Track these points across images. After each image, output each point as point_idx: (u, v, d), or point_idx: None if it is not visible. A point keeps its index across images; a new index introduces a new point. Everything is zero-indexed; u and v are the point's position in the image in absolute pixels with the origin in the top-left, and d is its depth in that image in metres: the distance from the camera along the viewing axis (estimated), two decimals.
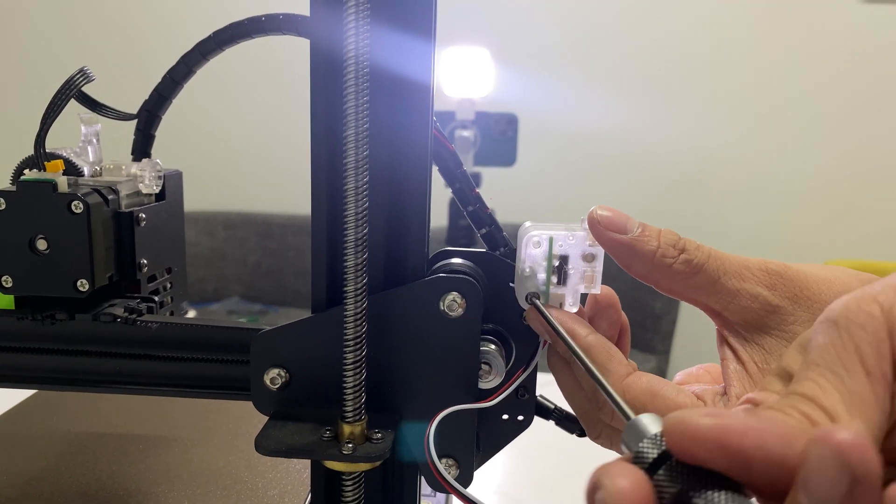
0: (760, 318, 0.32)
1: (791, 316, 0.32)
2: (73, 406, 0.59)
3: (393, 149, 0.33)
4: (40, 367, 0.39)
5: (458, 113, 1.42)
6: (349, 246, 0.30)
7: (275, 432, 0.32)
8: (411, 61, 0.32)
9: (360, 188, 0.30)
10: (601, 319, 0.35)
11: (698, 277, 0.32)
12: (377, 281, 0.34)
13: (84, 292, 0.38)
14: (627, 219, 0.32)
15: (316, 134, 0.33)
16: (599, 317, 0.35)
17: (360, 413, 0.32)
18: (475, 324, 0.33)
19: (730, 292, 0.32)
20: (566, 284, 0.34)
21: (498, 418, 0.37)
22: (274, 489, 0.48)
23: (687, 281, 0.32)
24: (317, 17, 0.32)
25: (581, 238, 0.33)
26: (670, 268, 0.32)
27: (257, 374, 0.34)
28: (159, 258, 0.44)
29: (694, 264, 0.32)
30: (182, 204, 0.47)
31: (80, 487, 0.47)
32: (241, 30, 0.40)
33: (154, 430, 0.56)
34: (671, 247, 0.32)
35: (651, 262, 0.32)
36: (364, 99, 0.29)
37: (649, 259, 0.32)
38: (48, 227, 0.37)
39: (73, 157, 0.41)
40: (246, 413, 0.58)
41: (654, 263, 0.32)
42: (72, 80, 0.39)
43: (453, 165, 0.37)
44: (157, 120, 0.43)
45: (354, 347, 0.31)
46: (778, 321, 0.32)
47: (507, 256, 0.36)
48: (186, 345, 0.38)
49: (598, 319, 0.35)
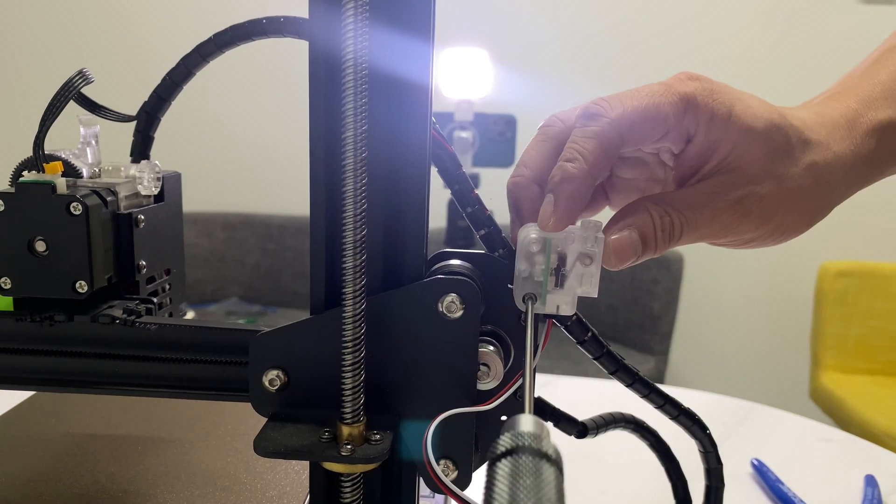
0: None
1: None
2: (72, 407, 0.59)
3: (391, 150, 0.33)
4: (39, 368, 0.39)
5: (457, 114, 1.42)
6: (348, 247, 0.30)
7: (273, 434, 0.32)
8: (410, 63, 0.32)
9: (359, 190, 0.30)
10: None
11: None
12: (376, 282, 0.34)
13: (83, 294, 0.38)
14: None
15: (314, 135, 0.33)
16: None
17: (358, 414, 0.32)
18: (474, 325, 0.33)
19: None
20: (563, 286, 0.34)
21: (497, 419, 0.37)
22: (273, 490, 0.48)
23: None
24: (315, 18, 0.32)
25: (580, 239, 0.33)
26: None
27: (256, 375, 0.34)
28: (158, 260, 0.44)
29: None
30: (181, 205, 0.47)
31: (79, 489, 0.47)
32: (241, 32, 0.40)
33: (153, 432, 0.56)
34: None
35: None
36: (362, 100, 0.29)
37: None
38: (47, 228, 0.37)
39: (71, 159, 0.41)
40: (245, 414, 0.58)
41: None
42: (71, 82, 0.39)
43: (452, 167, 0.37)
44: (157, 122, 0.43)
45: (353, 349, 0.31)
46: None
47: (506, 258, 0.36)
48: (185, 346, 0.38)
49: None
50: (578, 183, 0.33)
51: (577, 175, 0.33)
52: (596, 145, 0.33)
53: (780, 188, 0.36)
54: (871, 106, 0.38)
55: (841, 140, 0.37)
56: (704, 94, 0.35)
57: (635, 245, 0.34)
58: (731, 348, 2.29)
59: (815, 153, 0.36)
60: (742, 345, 2.28)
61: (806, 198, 0.36)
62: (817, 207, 0.37)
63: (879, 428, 1.57)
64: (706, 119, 0.35)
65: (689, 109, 0.35)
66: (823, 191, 0.37)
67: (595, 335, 0.37)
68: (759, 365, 2.28)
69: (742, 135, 0.35)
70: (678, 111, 0.35)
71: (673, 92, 0.35)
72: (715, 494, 0.42)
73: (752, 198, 0.35)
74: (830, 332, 1.87)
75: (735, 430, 0.72)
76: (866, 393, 1.75)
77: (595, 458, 0.23)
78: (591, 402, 0.76)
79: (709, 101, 0.35)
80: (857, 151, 0.37)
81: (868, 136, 0.37)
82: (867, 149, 0.37)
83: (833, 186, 0.37)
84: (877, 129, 0.38)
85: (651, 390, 0.39)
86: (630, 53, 2.14)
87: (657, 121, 0.35)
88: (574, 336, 0.37)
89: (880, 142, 0.38)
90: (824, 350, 1.88)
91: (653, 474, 0.43)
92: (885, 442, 1.51)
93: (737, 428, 0.73)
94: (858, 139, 0.37)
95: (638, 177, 0.41)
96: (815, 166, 0.36)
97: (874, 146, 0.38)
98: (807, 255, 2.12)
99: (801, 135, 0.36)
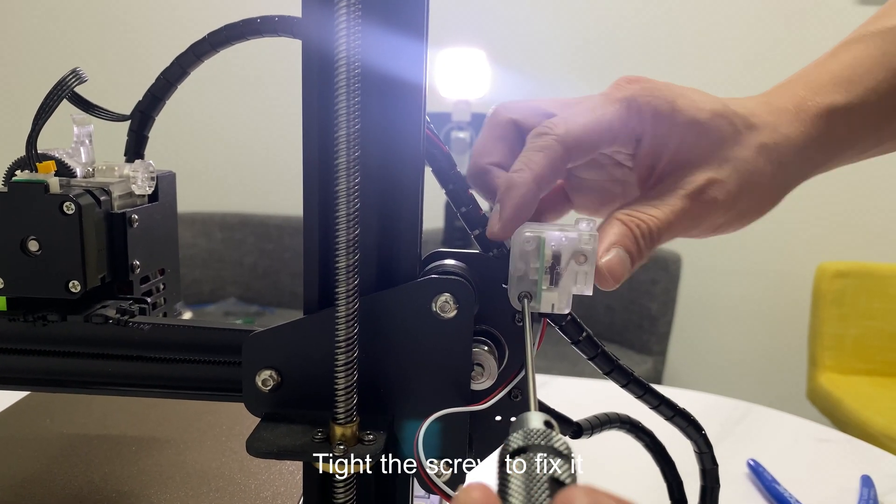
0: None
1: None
2: (66, 408, 0.59)
3: (385, 150, 0.33)
4: (32, 368, 0.39)
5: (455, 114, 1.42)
6: (341, 247, 0.30)
7: (266, 434, 0.32)
8: (403, 61, 0.32)
9: (352, 189, 0.30)
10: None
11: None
12: (369, 282, 0.34)
13: (76, 293, 0.38)
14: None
15: (308, 135, 0.32)
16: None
17: (351, 414, 0.32)
18: (467, 325, 0.33)
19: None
20: (558, 285, 0.34)
21: (491, 420, 0.37)
22: (267, 491, 0.48)
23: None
24: (309, 17, 0.32)
25: (573, 239, 0.33)
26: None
27: (249, 375, 0.34)
28: (152, 259, 0.44)
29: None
30: (175, 205, 0.47)
31: (73, 489, 0.47)
32: (235, 31, 0.40)
33: (147, 432, 0.56)
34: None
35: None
36: (355, 99, 0.29)
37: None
38: (40, 228, 0.37)
39: (65, 158, 0.41)
40: (240, 415, 0.57)
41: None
42: (64, 81, 0.39)
43: (447, 166, 0.37)
44: (151, 121, 0.43)
45: (346, 349, 0.31)
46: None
47: (501, 258, 0.36)
48: (179, 346, 0.38)
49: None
50: (523, 191, 0.34)
51: (522, 183, 0.35)
52: (541, 157, 0.35)
53: (737, 171, 0.37)
54: (818, 92, 0.39)
55: (789, 123, 0.38)
56: (644, 94, 0.37)
57: (625, 261, 0.35)
58: (729, 349, 2.29)
59: (762, 135, 0.38)
60: (740, 345, 2.28)
61: (762, 179, 0.37)
62: (774, 188, 0.38)
63: (877, 428, 1.57)
64: (650, 117, 0.37)
65: (632, 111, 0.36)
66: (778, 172, 0.38)
67: (590, 335, 0.37)
68: (757, 365, 2.28)
69: (688, 126, 0.37)
70: (620, 116, 0.36)
71: (613, 99, 0.37)
72: (710, 495, 0.42)
73: (714, 184, 0.36)
74: (828, 332, 1.87)
75: (732, 431, 0.72)
76: (864, 393, 1.75)
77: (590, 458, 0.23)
78: (588, 402, 0.76)
79: (649, 100, 0.37)
80: (806, 133, 0.38)
81: (816, 120, 0.38)
82: (817, 132, 0.38)
83: (787, 168, 0.38)
84: (824, 114, 0.39)
85: (646, 391, 0.39)
86: (628, 54, 2.14)
87: (601, 131, 0.36)
88: (569, 336, 0.37)
89: (829, 126, 0.39)
90: (822, 350, 1.88)
91: (648, 475, 0.43)
92: (882, 442, 1.51)
93: (734, 428, 0.73)
94: (808, 122, 0.38)
95: (596, 178, 0.42)
96: (766, 147, 0.37)
97: (823, 129, 0.39)
98: (804, 256, 2.12)
99: (746, 120, 0.38)
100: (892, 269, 1.89)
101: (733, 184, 0.37)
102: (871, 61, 0.40)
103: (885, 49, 0.40)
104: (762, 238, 2.17)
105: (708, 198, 0.36)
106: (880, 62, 0.40)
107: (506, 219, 0.34)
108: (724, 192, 0.37)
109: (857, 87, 0.39)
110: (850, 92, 0.39)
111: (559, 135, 0.35)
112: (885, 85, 0.39)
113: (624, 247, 0.35)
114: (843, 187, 2.13)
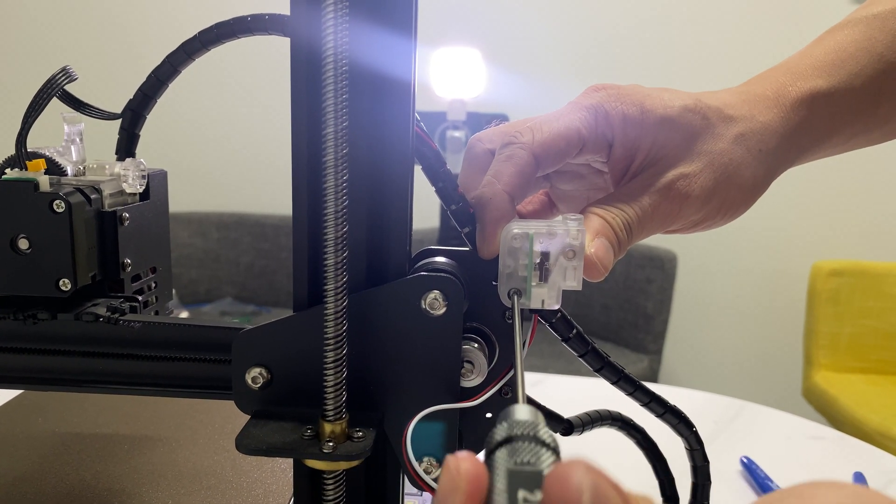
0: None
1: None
2: (58, 406, 0.59)
3: (374, 147, 0.33)
4: (23, 366, 0.39)
5: (450, 113, 1.42)
6: (329, 244, 0.30)
7: (256, 431, 0.32)
8: (391, 58, 0.32)
9: (340, 186, 0.30)
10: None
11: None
12: (359, 280, 0.34)
13: (66, 292, 0.38)
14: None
15: (297, 132, 0.32)
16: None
17: (340, 412, 0.32)
18: (457, 322, 0.33)
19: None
20: (547, 281, 0.34)
21: (481, 417, 0.37)
22: (258, 488, 0.48)
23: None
24: (297, 14, 0.32)
25: (562, 234, 0.33)
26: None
27: (239, 373, 0.34)
28: (143, 258, 0.44)
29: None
30: (167, 203, 0.47)
31: (65, 488, 0.47)
32: (226, 30, 0.40)
33: (139, 431, 0.56)
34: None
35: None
36: (343, 96, 0.29)
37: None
38: (30, 226, 0.37)
39: (55, 157, 0.41)
40: (231, 413, 0.57)
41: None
42: (54, 79, 0.39)
43: (436, 164, 0.37)
44: (142, 119, 0.43)
45: (335, 346, 0.31)
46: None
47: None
48: (169, 344, 0.38)
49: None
50: (496, 203, 0.35)
51: (493, 197, 0.35)
52: (510, 167, 0.35)
53: (712, 164, 0.37)
54: (800, 77, 0.39)
55: (767, 110, 0.38)
56: (611, 100, 0.37)
57: (609, 250, 0.35)
58: (725, 347, 2.29)
59: (739, 125, 0.37)
60: (735, 344, 2.29)
61: (741, 169, 0.37)
62: (757, 178, 0.38)
63: (871, 426, 1.57)
64: (619, 121, 0.37)
65: (599, 118, 0.37)
66: (758, 160, 0.38)
67: (580, 332, 0.37)
68: (753, 364, 2.28)
69: (658, 126, 0.37)
70: (588, 123, 0.37)
71: (580, 108, 0.37)
72: (701, 492, 0.42)
73: (684, 179, 0.36)
74: (823, 330, 1.88)
75: (726, 428, 0.72)
76: (859, 391, 1.75)
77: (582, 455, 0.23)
78: (581, 400, 0.76)
79: (617, 105, 0.37)
80: (787, 119, 0.38)
81: (798, 106, 0.38)
82: (798, 117, 0.38)
83: (768, 155, 0.38)
84: (806, 99, 0.39)
85: (636, 388, 0.39)
86: (623, 53, 2.15)
87: (569, 138, 0.36)
88: (559, 333, 0.37)
89: (811, 111, 0.38)
90: (817, 349, 1.88)
91: (640, 472, 0.43)
92: (877, 440, 1.51)
93: (728, 426, 0.73)
94: (788, 108, 0.38)
95: (578, 188, 0.43)
96: (743, 137, 0.37)
97: (805, 115, 0.38)
98: (799, 255, 2.12)
99: (721, 112, 0.38)
100: (887, 267, 1.89)
101: (707, 177, 0.37)
102: (855, 46, 0.40)
103: (869, 34, 0.40)
104: (758, 237, 2.17)
105: (678, 192, 0.36)
106: (864, 47, 0.39)
107: (487, 235, 0.35)
108: (697, 187, 0.36)
109: (840, 72, 0.39)
110: (832, 76, 0.39)
111: (526, 143, 0.36)
112: (869, 70, 0.39)
113: (606, 237, 0.35)
114: (838, 186, 2.13)
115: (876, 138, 0.42)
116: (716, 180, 0.37)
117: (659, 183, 0.36)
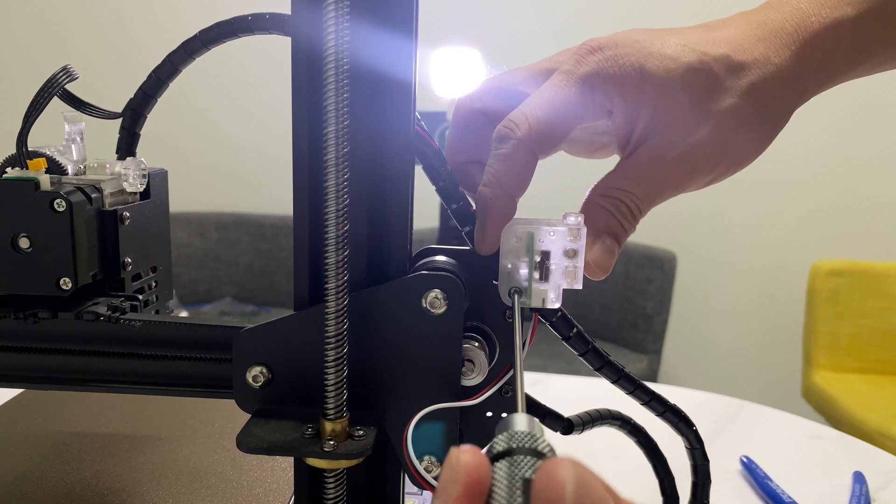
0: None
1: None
2: (58, 405, 0.59)
3: (375, 146, 0.33)
4: (23, 366, 0.39)
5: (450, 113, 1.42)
6: (330, 243, 0.30)
7: (257, 430, 0.32)
8: (392, 58, 0.32)
9: (341, 185, 0.30)
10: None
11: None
12: (359, 278, 0.34)
13: (67, 291, 0.38)
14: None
15: (298, 132, 0.33)
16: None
17: (341, 410, 0.32)
18: (457, 321, 0.33)
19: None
20: (548, 280, 0.34)
21: (482, 416, 0.37)
22: (259, 487, 0.48)
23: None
24: (298, 14, 0.32)
25: (562, 233, 0.33)
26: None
27: (239, 371, 0.34)
28: (144, 257, 0.44)
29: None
30: (167, 203, 0.47)
31: (65, 487, 0.47)
32: (226, 29, 0.40)
33: (140, 430, 0.56)
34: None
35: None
36: (344, 95, 0.29)
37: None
38: (30, 225, 0.37)
39: (56, 156, 0.41)
40: (232, 412, 0.57)
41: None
42: (54, 78, 0.39)
43: (437, 163, 0.37)
44: (143, 119, 0.43)
45: (336, 345, 0.31)
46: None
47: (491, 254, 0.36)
48: (170, 343, 0.38)
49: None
50: (498, 205, 0.34)
51: (494, 199, 0.34)
52: (507, 166, 0.34)
53: (720, 124, 0.34)
54: (824, 5, 0.35)
55: (784, 48, 0.35)
56: (608, 65, 0.34)
57: (612, 249, 0.35)
58: (725, 347, 2.29)
59: (751, 74, 0.35)
60: (735, 344, 2.29)
61: (753, 121, 0.35)
62: (768, 128, 0.36)
63: (871, 426, 1.58)
64: (617, 89, 0.34)
65: (596, 88, 0.34)
66: (770, 109, 0.35)
67: (580, 331, 0.37)
68: (752, 364, 2.28)
69: (660, 91, 0.34)
70: (584, 95, 0.34)
71: (574, 79, 0.34)
72: (701, 491, 0.42)
73: (693, 149, 0.34)
74: (822, 330, 1.88)
75: (725, 428, 0.72)
76: (858, 391, 1.76)
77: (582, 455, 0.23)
78: (582, 399, 0.76)
79: (614, 71, 0.34)
80: (805, 56, 0.35)
81: (820, 38, 0.35)
82: (819, 52, 0.35)
83: (782, 101, 0.35)
84: (831, 30, 0.35)
85: (637, 386, 0.39)
86: None
87: (566, 116, 0.34)
88: (559, 332, 0.37)
89: (835, 42, 0.35)
90: (816, 349, 1.88)
91: (640, 471, 0.43)
92: (876, 440, 1.51)
93: (727, 425, 0.73)
94: (808, 42, 0.35)
95: (582, 149, 0.41)
96: (755, 87, 0.35)
97: (828, 47, 0.35)
98: (799, 255, 2.12)
99: (729, 61, 0.35)
100: (887, 267, 1.89)
101: (714, 142, 0.34)
102: None
103: None
104: (757, 236, 2.17)
105: (689, 164, 0.35)
106: None
107: (489, 237, 0.34)
108: (705, 154, 0.34)
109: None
110: (863, 2, 0.35)
111: (522, 137, 0.34)
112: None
113: (609, 234, 0.35)
114: (838, 186, 2.14)
115: None
116: (725, 141, 0.34)
117: (669, 156, 0.34)
